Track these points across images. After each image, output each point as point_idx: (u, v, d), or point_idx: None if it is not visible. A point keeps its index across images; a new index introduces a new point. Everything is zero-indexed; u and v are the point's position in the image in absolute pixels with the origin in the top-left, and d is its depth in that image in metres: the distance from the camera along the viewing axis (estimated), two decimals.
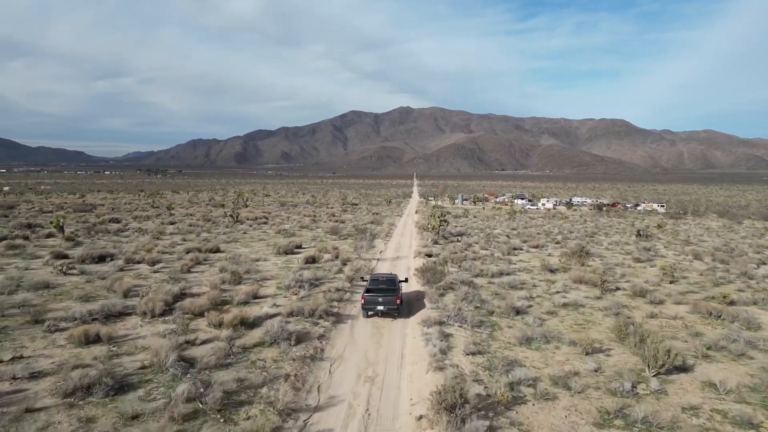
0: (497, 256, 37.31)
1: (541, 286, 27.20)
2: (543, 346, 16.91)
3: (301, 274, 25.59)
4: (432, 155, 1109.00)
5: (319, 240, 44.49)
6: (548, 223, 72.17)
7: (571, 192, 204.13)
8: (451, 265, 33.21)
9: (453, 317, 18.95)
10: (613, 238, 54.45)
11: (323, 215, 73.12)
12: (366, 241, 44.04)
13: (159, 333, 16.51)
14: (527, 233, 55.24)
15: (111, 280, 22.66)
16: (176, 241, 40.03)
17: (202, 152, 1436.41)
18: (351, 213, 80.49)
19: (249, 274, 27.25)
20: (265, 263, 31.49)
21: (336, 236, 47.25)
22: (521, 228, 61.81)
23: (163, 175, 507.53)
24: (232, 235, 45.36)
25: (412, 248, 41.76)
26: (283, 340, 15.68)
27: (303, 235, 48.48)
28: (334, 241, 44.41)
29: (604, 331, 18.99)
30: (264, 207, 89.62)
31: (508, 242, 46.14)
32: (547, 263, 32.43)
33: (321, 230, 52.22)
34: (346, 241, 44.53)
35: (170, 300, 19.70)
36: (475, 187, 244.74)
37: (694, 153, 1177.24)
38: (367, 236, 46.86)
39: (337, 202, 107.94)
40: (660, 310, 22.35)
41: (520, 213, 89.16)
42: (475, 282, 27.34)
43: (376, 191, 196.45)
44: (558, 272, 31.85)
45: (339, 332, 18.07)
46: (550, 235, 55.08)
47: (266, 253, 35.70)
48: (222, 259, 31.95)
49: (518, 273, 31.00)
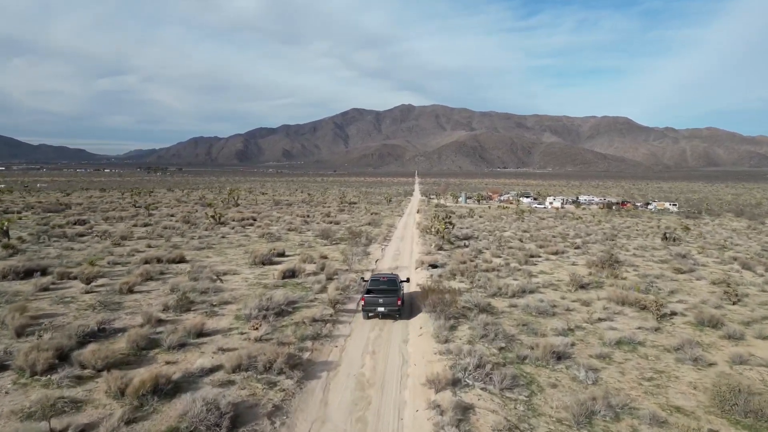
0: (514, 267, 31.47)
1: (577, 309, 21.47)
2: (612, 427, 11.14)
3: (271, 297, 19.80)
4: (433, 153, 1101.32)
5: (307, 246, 38.73)
6: (560, 223, 66.33)
7: (575, 190, 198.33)
8: (460, 278, 27.46)
9: (471, 372, 13.18)
10: (636, 241, 48.68)
11: (318, 215, 67.45)
12: (360, 247, 38.28)
13: (20, 410, 10.70)
14: (541, 236, 49.42)
15: (10, 309, 16.84)
16: (138, 249, 34.28)
17: (204, 150, 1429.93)
18: (348, 213, 74.77)
19: (206, 296, 21.49)
20: (234, 278, 25.71)
21: (327, 240, 41.50)
22: (533, 230, 55.99)
23: (163, 173, 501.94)
24: (207, 240, 39.63)
25: (414, 256, 35.98)
26: (209, 429, 9.88)
27: (290, 239, 42.71)
28: (324, 247, 38.68)
29: (690, 392, 13.18)
30: (256, 206, 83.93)
31: (522, 247, 40.33)
32: (576, 277, 26.60)
33: (312, 233, 46.48)
34: (338, 247, 38.79)
35: (70, 345, 13.90)
36: (477, 185, 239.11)
37: (696, 151, 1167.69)
38: (362, 241, 41.11)
39: (335, 201, 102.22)
40: (747, 351, 16.56)
41: (528, 213, 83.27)
42: (493, 305, 21.56)
43: (377, 189, 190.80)
44: (590, 288, 26.05)
45: (304, 400, 12.17)
46: (566, 238, 49.27)
47: (240, 264, 29.95)
48: (182, 273, 26.23)
49: (543, 290, 25.22)
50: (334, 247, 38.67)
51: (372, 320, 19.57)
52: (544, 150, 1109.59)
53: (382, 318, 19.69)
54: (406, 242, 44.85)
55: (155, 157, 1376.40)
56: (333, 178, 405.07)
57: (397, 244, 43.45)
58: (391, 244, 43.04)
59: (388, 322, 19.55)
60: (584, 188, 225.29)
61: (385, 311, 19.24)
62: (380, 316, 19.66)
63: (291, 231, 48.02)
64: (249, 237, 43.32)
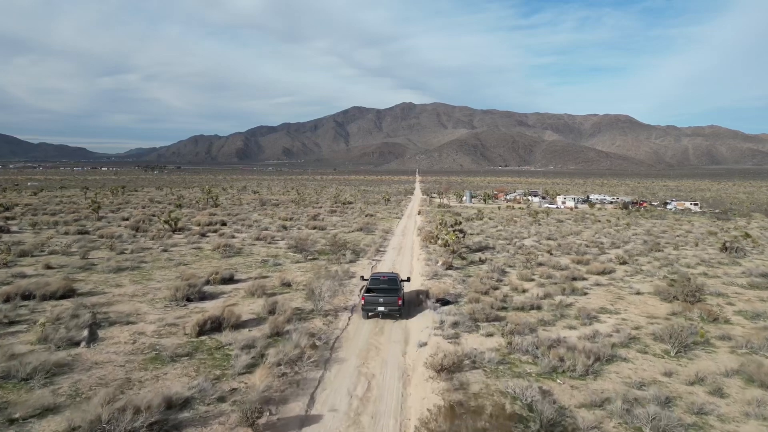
0: (559, 301, 21.65)
1: (707, 404, 11.74)
2: None
3: (128, 403, 10.05)
4: (434, 151, 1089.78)
5: (271, 264, 28.92)
6: (583, 227, 56.48)
7: (580, 188, 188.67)
8: (485, 326, 17.71)
9: None
10: (688, 251, 39.05)
11: (304, 218, 57.71)
12: (342, 264, 28.50)
13: None
14: (569, 245, 39.59)
15: None
16: (25, 272, 24.54)
17: (204, 148, 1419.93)
18: (340, 214, 64.95)
19: (28, 387, 11.73)
20: (121, 333, 15.92)
21: (302, 254, 31.72)
22: (557, 236, 46.19)
23: (160, 171, 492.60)
24: (140, 257, 29.81)
25: (414, 278, 26.17)
26: None
27: (253, 253, 32.90)
28: (295, 264, 28.91)
29: None
30: (240, 206, 74.21)
31: (556, 264, 30.50)
32: (674, 331, 16.54)
33: (286, 243, 36.66)
34: (315, 264, 29.04)
35: None
36: (479, 183, 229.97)
37: (699, 149, 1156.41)
38: (347, 256, 31.27)
39: (329, 201, 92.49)
40: None
41: (543, 214, 73.39)
42: (555, 397, 11.83)
43: (376, 188, 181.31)
44: (697, 346, 16.23)
45: None
46: (602, 248, 39.46)
47: (154, 300, 20.14)
48: (49, 321, 16.43)
49: (623, 352, 15.45)
50: (309, 265, 28.87)
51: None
52: (545, 148, 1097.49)
53: (383, 318, 19.06)
54: (405, 255, 35.02)
55: (155, 156, 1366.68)
56: (332, 176, 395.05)
57: (392, 257, 33.65)
58: (384, 258, 33.21)
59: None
60: (589, 186, 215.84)
61: (385, 311, 18.82)
62: (380, 316, 19.10)
63: (259, 240, 38.13)
64: (201, 250, 33.55)
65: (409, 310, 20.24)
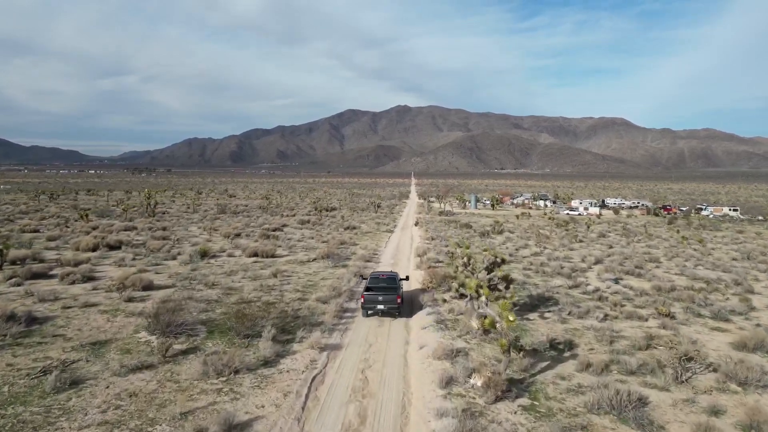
0: None
1: None
2: None
3: None
4: (430, 154, 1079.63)
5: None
6: (645, 245, 42.92)
7: (584, 191, 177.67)
8: None
9: None
10: None
11: (257, 233, 44.06)
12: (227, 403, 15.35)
13: None
14: (668, 287, 25.14)
15: None
16: None
17: (197, 151, 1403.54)
18: (312, 227, 51.73)
19: None
20: None
21: (159, 342, 18.67)
22: (629, 265, 32.15)
23: (148, 174, 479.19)
24: None
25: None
26: None
27: (57, 336, 20.05)
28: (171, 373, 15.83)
29: None
30: (192, 214, 61.31)
31: (697, 356, 17.85)
32: None
33: (150, 305, 23.51)
34: (191, 367, 15.97)
35: None
36: (477, 186, 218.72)
37: (694, 151, 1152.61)
38: (263, 343, 18.11)
39: (307, 207, 79.72)
40: None
41: (572, 223, 60.76)
42: None
43: (369, 191, 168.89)
44: None
45: None
46: (717, 287, 25.60)
47: None
48: None
49: None
50: (183, 368, 15.89)
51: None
52: (541, 151, 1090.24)
53: (382, 316, 18.88)
54: (392, 335, 17.89)
55: (149, 159, 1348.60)
56: (325, 178, 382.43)
57: (358, 354, 15.49)
58: (340, 357, 15.35)
59: None
60: (592, 189, 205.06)
61: (384, 309, 18.74)
62: (380, 314, 18.93)
63: (116, 292, 22.86)
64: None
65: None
